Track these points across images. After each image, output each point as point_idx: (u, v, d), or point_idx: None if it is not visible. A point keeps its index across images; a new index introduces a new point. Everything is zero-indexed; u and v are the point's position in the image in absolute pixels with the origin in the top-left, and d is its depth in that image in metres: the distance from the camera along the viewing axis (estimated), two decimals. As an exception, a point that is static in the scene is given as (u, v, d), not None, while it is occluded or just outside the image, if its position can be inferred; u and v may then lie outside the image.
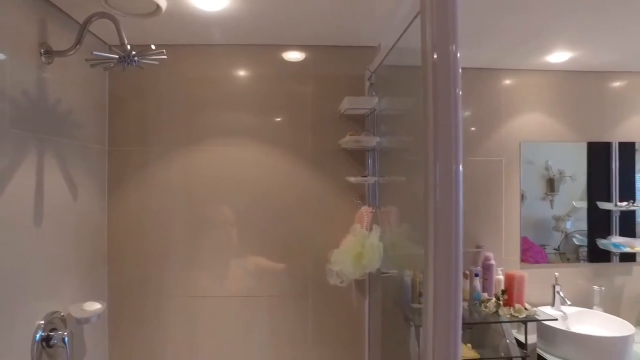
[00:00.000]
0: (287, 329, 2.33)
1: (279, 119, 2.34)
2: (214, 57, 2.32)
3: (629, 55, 2.45)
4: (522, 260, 2.63)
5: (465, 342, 2.23)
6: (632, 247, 2.55)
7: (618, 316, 2.44)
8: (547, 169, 2.75)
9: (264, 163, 2.32)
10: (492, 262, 2.41)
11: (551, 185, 2.74)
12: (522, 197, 2.69)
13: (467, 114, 2.61)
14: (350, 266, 1.84)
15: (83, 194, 1.99)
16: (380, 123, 2.09)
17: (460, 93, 1.17)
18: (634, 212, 2.69)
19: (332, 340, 2.34)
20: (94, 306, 1.81)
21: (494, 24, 1.98)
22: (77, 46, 1.61)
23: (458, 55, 1.12)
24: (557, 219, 2.72)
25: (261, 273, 2.31)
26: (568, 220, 2.72)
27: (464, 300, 2.38)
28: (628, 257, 2.68)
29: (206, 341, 2.31)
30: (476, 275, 2.38)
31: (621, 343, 2.11)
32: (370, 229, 1.92)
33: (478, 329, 2.40)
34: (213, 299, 2.30)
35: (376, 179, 2.12)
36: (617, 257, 2.68)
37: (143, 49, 1.59)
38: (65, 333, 1.64)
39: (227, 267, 2.31)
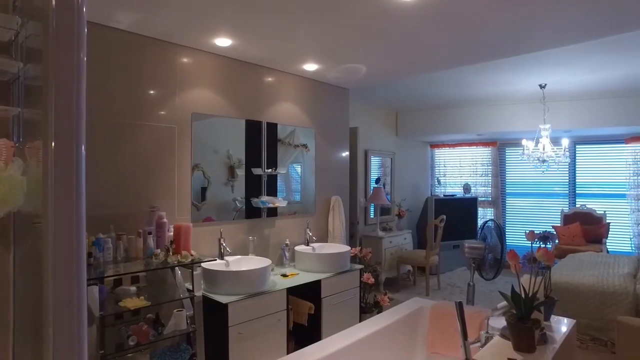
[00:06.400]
0: None
1: None
2: None
3: (273, 55, 3.15)
4: (195, 221, 2.96)
5: (139, 296, 2.31)
6: (273, 203, 3.29)
7: (266, 257, 3.10)
8: (228, 157, 3.18)
9: None
10: (165, 220, 2.60)
11: (232, 172, 3.19)
12: (208, 182, 3.03)
13: (141, 81, 2.69)
14: (-22, 202, 1.52)
15: None
16: (27, 52, 1.86)
17: (84, 57, 1.22)
18: (276, 176, 3.48)
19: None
20: None
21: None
22: None
23: (84, 9, 1.18)
24: (235, 200, 3.21)
25: None
26: (243, 200, 3.25)
27: (138, 258, 2.46)
28: (272, 213, 3.45)
29: None
30: (149, 233, 2.50)
31: (261, 272, 2.76)
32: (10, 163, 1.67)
33: (153, 285, 2.53)
34: None
35: (19, 110, 1.87)
36: (265, 213, 3.40)
37: None
38: None
39: None
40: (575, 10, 2.36)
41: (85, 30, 1.19)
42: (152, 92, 2.74)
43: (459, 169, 7.34)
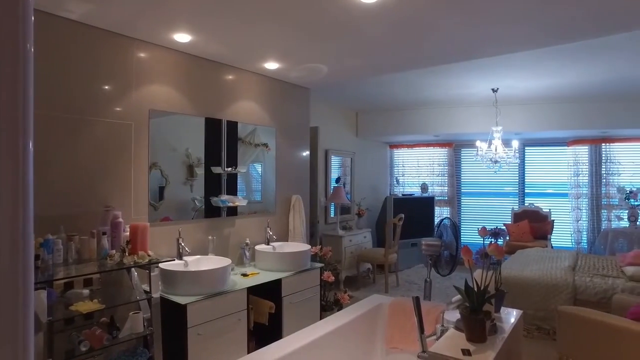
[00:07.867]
0: None
1: None
2: None
3: (234, 52, 3.12)
4: (151, 220, 2.88)
5: (92, 299, 2.22)
6: (233, 202, 3.26)
7: (226, 257, 3.06)
8: (187, 156, 3.11)
9: None
10: (120, 220, 2.51)
11: (191, 171, 3.12)
12: (166, 181, 2.95)
13: (95, 76, 2.58)
14: None
15: None
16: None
17: (32, 48, 1.15)
18: (236, 175, 3.45)
19: None
20: None
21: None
22: None
23: None
24: (194, 199, 3.16)
25: None
26: (202, 200, 3.20)
27: (91, 260, 2.37)
28: (232, 212, 3.41)
29: None
30: (104, 233, 2.41)
31: (221, 272, 2.72)
32: None
33: (108, 287, 2.44)
34: None
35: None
36: (225, 212, 3.36)
37: None
38: None
39: None
40: (521, 21, 2.50)
41: (32, 18, 1.13)
42: (107, 87, 2.64)
43: (416, 169, 7.55)
